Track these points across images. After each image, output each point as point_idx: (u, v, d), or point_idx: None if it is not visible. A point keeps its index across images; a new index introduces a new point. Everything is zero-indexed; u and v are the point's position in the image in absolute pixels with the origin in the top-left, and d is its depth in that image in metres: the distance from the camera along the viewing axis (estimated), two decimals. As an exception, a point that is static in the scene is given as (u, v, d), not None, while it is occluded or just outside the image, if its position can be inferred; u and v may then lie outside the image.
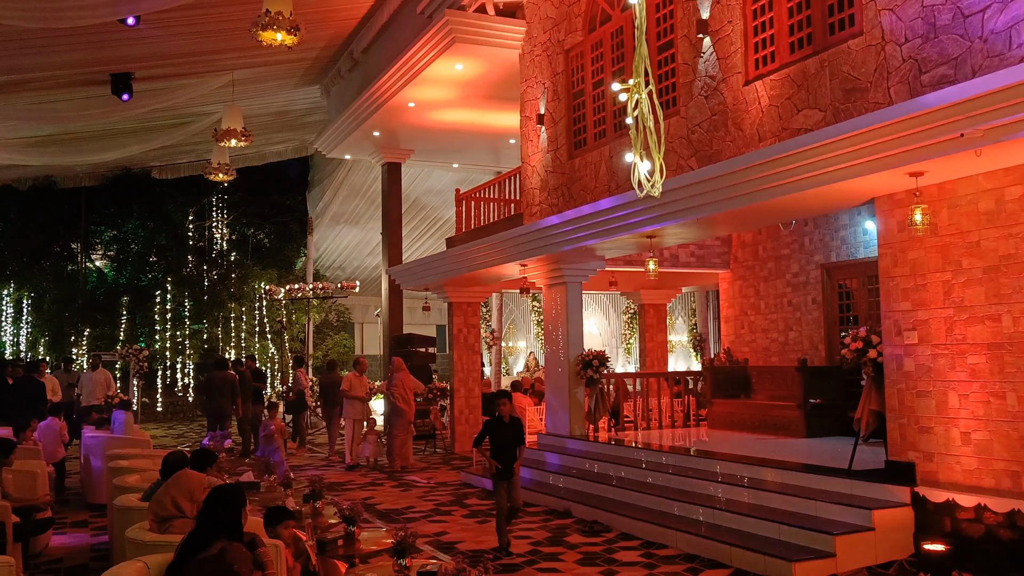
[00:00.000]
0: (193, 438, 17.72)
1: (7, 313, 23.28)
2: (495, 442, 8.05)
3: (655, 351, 16.70)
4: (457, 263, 13.74)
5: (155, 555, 4.40)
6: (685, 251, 13.07)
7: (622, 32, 11.03)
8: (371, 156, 19.31)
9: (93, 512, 10.21)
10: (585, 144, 11.86)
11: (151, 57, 13.91)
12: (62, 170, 21.51)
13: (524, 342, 25.45)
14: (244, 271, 24.76)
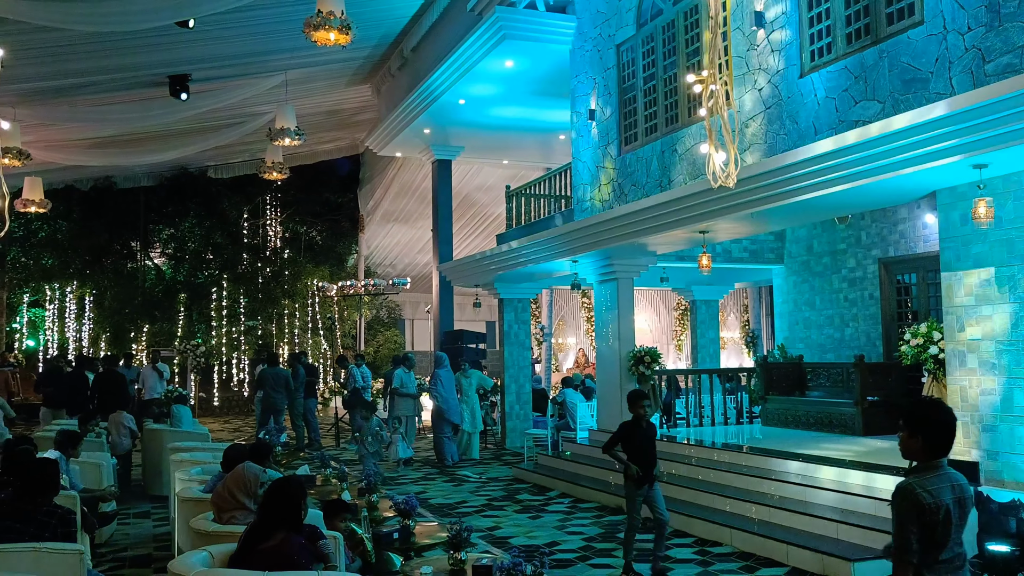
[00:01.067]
0: (249, 432, 18.04)
1: (70, 310, 23.94)
2: (632, 447, 7.22)
3: (707, 347, 16.55)
4: (507, 259, 13.77)
5: (219, 545, 4.50)
6: (738, 246, 12.94)
7: (674, 26, 10.94)
8: (421, 154, 19.44)
9: (155, 503, 10.47)
10: (636, 139, 11.79)
11: (207, 59, 14.18)
12: (122, 170, 22.02)
13: (574, 338, 25.41)
14: (297, 268, 25.10)
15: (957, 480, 3.36)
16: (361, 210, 25.52)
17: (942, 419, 3.39)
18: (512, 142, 18.37)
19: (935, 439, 3.37)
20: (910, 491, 3.29)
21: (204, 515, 5.27)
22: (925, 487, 3.28)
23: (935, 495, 3.26)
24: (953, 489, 3.32)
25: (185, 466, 7.67)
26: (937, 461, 3.37)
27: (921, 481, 3.32)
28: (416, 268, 27.42)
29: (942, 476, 3.34)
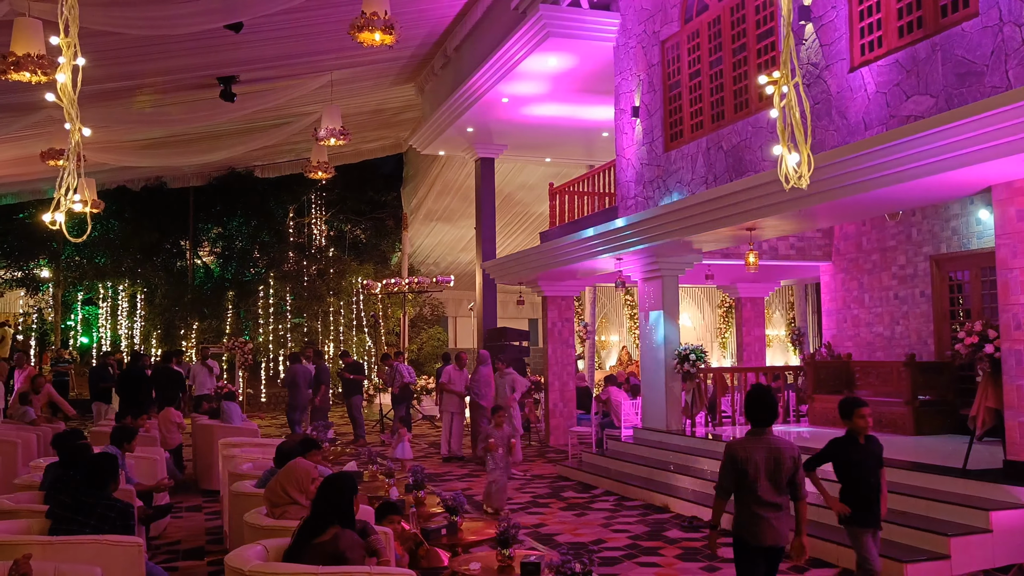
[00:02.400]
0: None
1: (122, 307, 24.47)
2: (848, 471, 5.69)
3: (752, 345, 16.39)
4: (551, 257, 13.78)
5: (272, 539, 4.58)
6: (784, 243, 12.79)
7: (719, 21, 10.85)
8: (464, 152, 19.52)
9: (206, 497, 10.67)
10: (681, 136, 11.71)
11: (254, 60, 14.39)
12: (171, 171, 22.45)
13: (617, 336, 25.33)
14: (342, 266, 25.38)
15: (775, 444, 4.78)
16: (405, 208, 25.71)
17: (750, 398, 4.92)
18: (555, 140, 18.35)
19: (750, 413, 4.88)
20: (729, 447, 4.85)
21: (257, 510, 5.36)
22: (743, 445, 4.79)
23: (747, 452, 4.73)
24: (768, 450, 4.74)
25: (236, 461, 7.81)
26: (758, 428, 4.84)
27: (742, 441, 4.84)
28: (459, 266, 27.55)
29: (760, 440, 4.79)
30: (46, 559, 4.10)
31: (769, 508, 4.71)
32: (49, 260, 24.30)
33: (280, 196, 25.26)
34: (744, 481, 4.71)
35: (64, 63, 4.24)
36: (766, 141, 9.96)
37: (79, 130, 4.28)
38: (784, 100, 4.38)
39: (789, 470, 4.75)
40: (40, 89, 11.58)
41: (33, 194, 21.89)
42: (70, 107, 4.27)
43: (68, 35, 4.20)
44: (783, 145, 4.40)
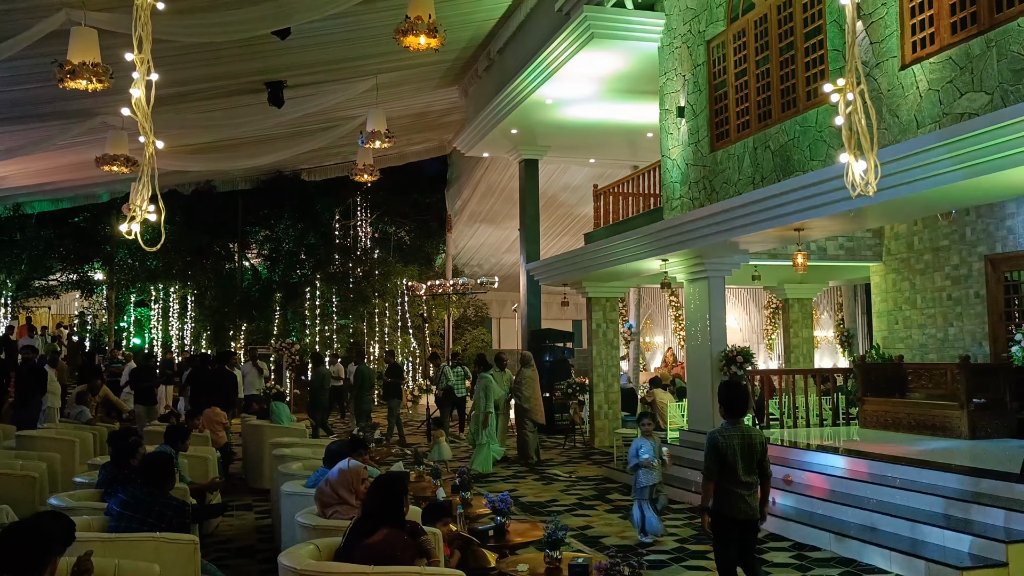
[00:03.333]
0: (341, 429, 18.47)
1: (173, 309, 24.96)
2: None
3: (800, 347, 16.19)
4: (596, 258, 13.75)
5: (324, 539, 4.65)
6: (833, 243, 12.62)
7: (766, 20, 10.74)
8: (508, 154, 19.57)
9: (256, 496, 10.84)
10: (728, 136, 11.62)
11: (302, 65, 14.58)
12: (221, 174, 22.83)
13: (661, 337, 25.17)
14: (387, 268, 25.58)
15: (747, 432, 5.55)
16: (449, 210, 25.84)
17: (727, 392, 5.65)
18: (599, 141, 18.31)
19: (724, 405, 5.61)
20: (712, 435, 5.57)
21: (308, 509, 5.44)
22: (722, 433, 5.52)
23: (726, 439, 5.47)
24: (742, 437, 5.50)
25: (286, 461, 7.93)
26: (733, 419, 5.56)
27: (721, 430, 5.56)
28: (503, 268, 27.62)
29: (736, 428, 5.53)
30: (107, 556, 4.21)
31: (744, 487, 5.46)
32: (103, 263, 24.88)
33: (326, 199, 25.55)
34: (724, 464, 5.45)
35: (138, 78, 4.36)
36: (814, 140, 9.84)
37: (152, 143, 4.39)
38: (850, 107, 4.33)
39: (758, 453, 5.55)
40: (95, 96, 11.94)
41: (88, 199, 22.44)
42: (144, 121, 4.39)
43: (141, 51, 4.32)
44: (849, 152, 4.35)
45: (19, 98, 13.46)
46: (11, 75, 12.04)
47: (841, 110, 4.36)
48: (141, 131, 4.47)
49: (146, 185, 4.34)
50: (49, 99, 13.49)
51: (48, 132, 15.15)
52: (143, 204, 4.38)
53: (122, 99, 13.74)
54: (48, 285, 24.44)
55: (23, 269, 22.53)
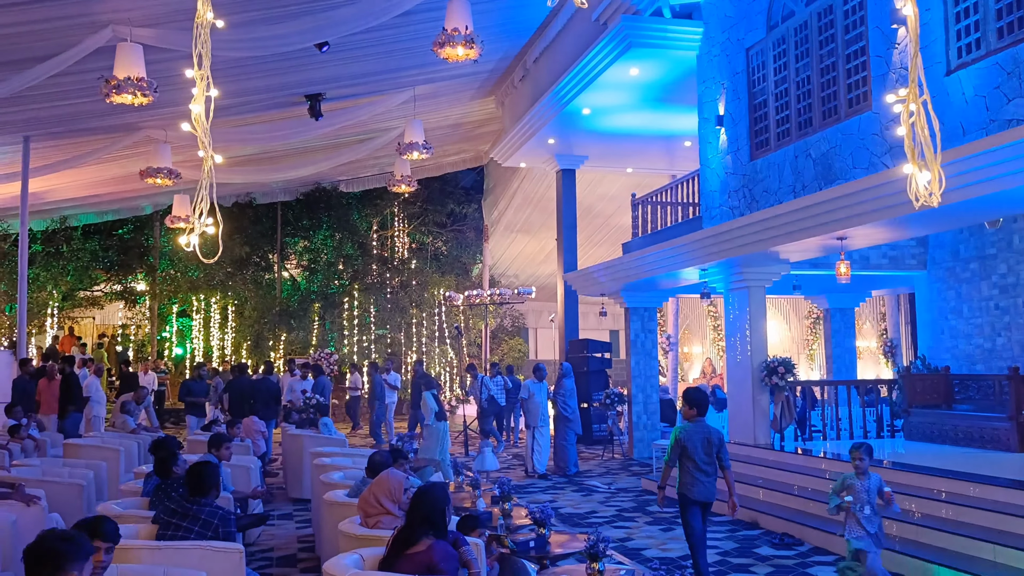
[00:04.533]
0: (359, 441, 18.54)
1: (214, 319, 25.29)
2: None
3: (842, 357, 15.95)
4: (634, 268, 13.69)
5: (367, 548, 4.66)
6: (876, 252, 12.42)
7: (807, 27, 10.64)
8: (545, 163, 19.58)
9: (296, 506, 10.91)
10: (767, 144, 11.52)
11: (340, 78, 14.74)
12: (260, 187, 23.14)
13: (700, 347, 24.98)
14: (424, 278, 25.70)
15: (707, 428, 6.63)
16: (485, 220, 25.91)
17: (694, 397, 6.70)
18: (636, 150, 18.27)
19: (692, 406, 6.67)
20: (677, 431, 6.69)
21: (351, 519, 5.47)
22: (685, 430, 6.62)
23: (689, 434, 6.58)
24: (702, 433, 6.59)
25: (327, 471, 7.97)
26: (697, 418, 6.65)
27: (685, 427, 6.66)
28: (539, 278, 27.61)
29: (698, 426, 6.63)
30: (155, 563, 4.27)
31: (702, 473, 6.57)
32: (146, 274, 25.30)
33: (364, 210, 25.75)
34: (685, 454, 6.58)
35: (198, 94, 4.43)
36: (857, 148, 9.72)
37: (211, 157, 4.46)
38: (913, 118, 4.27)
39: (716, 447, 6.63)
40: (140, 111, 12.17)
41: (132, 211, 22.86)
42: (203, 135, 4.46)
43: (201, 67, 4.39)
44: (913, 163, 4.29)
45: (66, 113, 13.76)
46: (59, 90, 12.31)
47: (904, 120, 4.29)
48: (200, 146, 4.54)
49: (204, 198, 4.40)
50: (95, 114, 13.78)
51: (94, 146, 15.46)
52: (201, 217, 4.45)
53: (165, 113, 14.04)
54: (92, 296, 24.90)
55: (69, 280, 22.98)
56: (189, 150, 16.47)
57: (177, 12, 10.68)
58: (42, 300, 22.35)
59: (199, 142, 4.45)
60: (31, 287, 18.38)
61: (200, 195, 4.36)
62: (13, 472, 7.98)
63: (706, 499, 6.63)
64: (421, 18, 12.21)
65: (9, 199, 17.72)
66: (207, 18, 4.34)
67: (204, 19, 4.31)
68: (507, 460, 15.36)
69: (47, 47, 10.58)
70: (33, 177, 15.50)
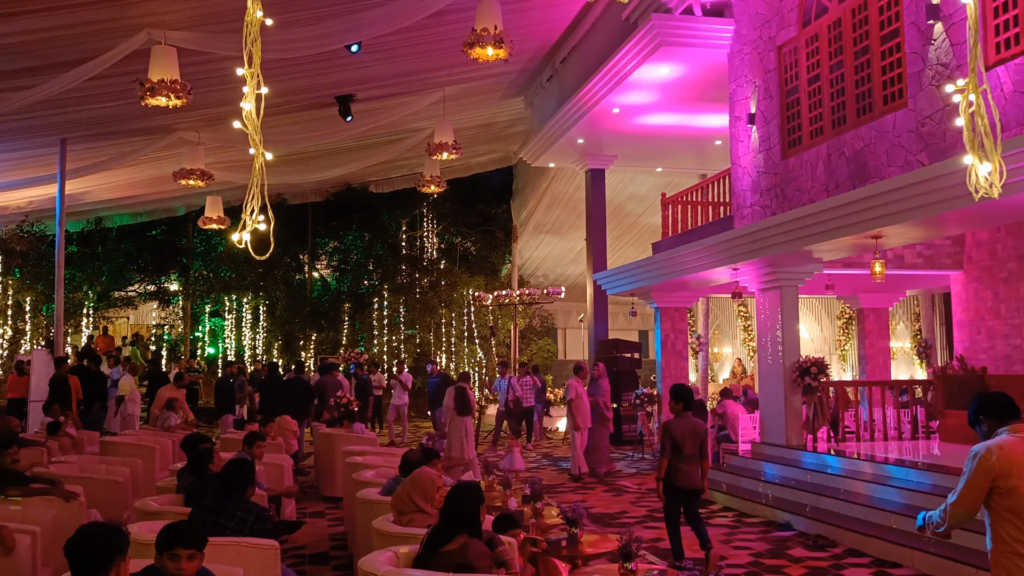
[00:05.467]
0: (410, 439, 18.62)
1: (246, 319, 25.54)
2: None
3: (875, 358, 15.76)
4: (664, 268, 13.62)
5: (401, 546, 4.68)
6: (911, 251, 12.27)
7: (840, 24, 10.53)
8: (574, 163, 19.55)
9: (328, 504, 10.98)
10: (800, 143, 11.42)
11: (370, 79, 14.82)
12: (292, 187, 23.33)
13: (730, 347, 24.80)
14: (453, 278, 25.76)
15: (693, 422, 7.42)
16: (514, 220, 25.92)
17: (678, 391, 7.52)
18: (666, 149, 18.19)
19: (678, 401, 7.45)
20: (665, 424, 7.45)
21: (384, 517, 5.49)
22: (675, 423, 7.37)
23: (678, 427, 7.31)
24: (690, 426, 7.34)
25: (359, 469, 8.01)
26: (683, 412, 7.42)
27: (673, 420, 7.42)
28: (568, 278, 27.58)
29: (684, 419, 7.40)
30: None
31: (686, 463, 7.31)
32: (179, 274, 25.61)
33: (393, 210, 25.88)
34: (674, 446, 7.28)
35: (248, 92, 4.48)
36: (892, 146, 9.60)
37: (262, 155, 4.51)
38: (972, 108, 4.22)
39: (701, 438, 7.38)
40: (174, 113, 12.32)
41: (165, 212, 23.16)
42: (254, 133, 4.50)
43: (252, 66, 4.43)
44: (973, 154, 4.23)
45: (102, 116, 13.96)
46: (95, 93, 12.50)
47: (963, 111, 4.24)
48: (251, 144, 4.59)
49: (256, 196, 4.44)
50: (130, 116, 13.97)
51: (129, 148, 15.68)
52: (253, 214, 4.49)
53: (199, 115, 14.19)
54: (127, 296, 25.25)
55: (104, 281, 23.33)
56: (219, 151, 16.68)
57: (210, 16, 10.81)
58: (78, 300, 22.69)
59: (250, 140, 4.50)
60: (67, 287, 18.67)
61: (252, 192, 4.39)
62: (52, 468, 8.10)
63: (688, 486, 7.37)
64: (451, 19, 12.25)
65: (46, 201, 18.03)
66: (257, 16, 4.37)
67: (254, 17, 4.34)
68: (536, 460, 15.35)
69: (83, 51, 10.75)
70: (70, 179, 15.75)
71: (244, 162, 18.25)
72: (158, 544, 3.61)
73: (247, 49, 4.43)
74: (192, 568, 3.62)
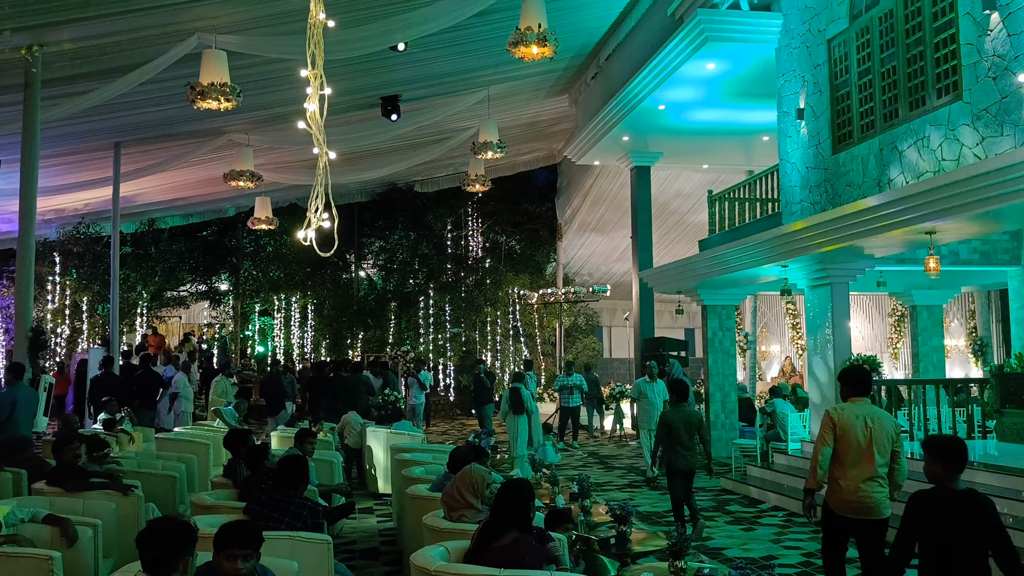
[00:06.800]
0: (455, 435, 18.73)
1: (295, 318, 25.89)
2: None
3: (929, 356, 15.43)
4: (712, 265, 13.49)
5: (451, 541, 4.72)
6: (967, 247, 11.99)
7: (892, 16, 10.34)
8: (619, 161, 19.46)
9: (376, 500, 11.09)
10: (850, 137, 11.23)
11: (415, 79, 14.92)
12: (338, 187, 23.43)
13: (778, 345, 24.52)
14: (498, 277, 25.81)
15: (688, 412, 8.46)
16: (559, 219, 25.90)
17: (675, 386, 8.61)
18: (712, 146, 18.02)
19: (676, 396, 8.49)
20: (662, 415, 8.48)
21: (434, 512, 5.54)
22: (671, 413, 8.33)
23: (673, 418, 8.25)
24: (684, 417, 8.30)
25: (408, 466, 8.08)
26: (680, 403, 8.44)
27: (672, 411, 8.38)
28: (613, 276, 27.48)
29: (680, 410, 8.36)
30: (248, 552, 4.37)
31: (683, 448, 8.26)
32: (229, 274, 26.04)
33: (439, 209, 26.00)
34: (671, 433, 8.25)
35: (312, 92, 4.57)
36: (946, 139, 9.40)
37: (326, 153, 4.59)
38: None
39: (695, 427, 8.32)
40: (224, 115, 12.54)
41: (215, 213, 23.58)
42: (318, 133, 4.59)
43: (315, 67, 4.52)
44: None
45: (155, 119, 14.26)
46: (148, 97, 12.77)
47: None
48: (315, 143, 4.68)
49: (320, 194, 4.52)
50: (181, 119, 14.24)
51: (180, 150, 15.98)
52: (318, 212, 4.58)
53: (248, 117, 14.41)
54: (179, 296, 25.75)
55: (157, 281, 23.82)
56: (268, 152, 16.93)
57: (259, 19, 10.98)
58: (132, 300, 23.20)
59: (314, 139, 4.57)
60: (122, 287, 19.09)
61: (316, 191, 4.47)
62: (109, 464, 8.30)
63: (686, 467, 8.34)
64: (495, 17, 12.28)
65: (102, 203, 18.45)
66: (319, 18, 4.45)
67: (316, 19, 4.42)
68: (582, 458, 15.32)
69: (136, 56, 10.99)
70: (124, 181, 16.11)
71: (292, 164, 18.52)
72: (216, 542, 3.68)
73: (310, 51, 4.50)
74: (248, 568, 3.68)
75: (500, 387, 22.48)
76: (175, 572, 3.32)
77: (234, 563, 3.62)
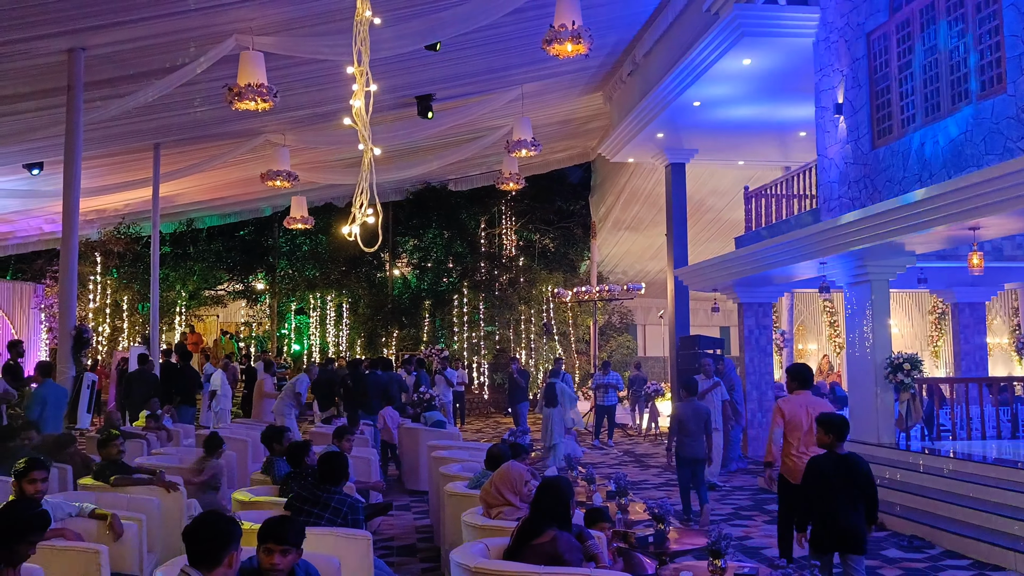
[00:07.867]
0: (489, 433, 18.77)
1: (330, 317, 26.10)
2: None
3: (971, 354, 15.19)
4: (748, 262, 13.39)
5: (491, 538, 4.73)
6: (1010, 242, 11.79)
7: (934, 8, 10.17)
8: (654, 158, 19.35)
9: (413, 497, 11.15)
10: (890, 132, 11.07)
11: (450, 78, 14.95)
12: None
13: (815, 344, 24.24)
14: (532, 275, 25.80)
15: (698, 406, 9.32)
16: (593, 217, 25.82)
17: (684, 382, 9.91)
18: (748, 142, 17.85)
19: (684, 389, 9.66)
20: (675, 408, 9.76)
21: (473, 510, 5.55)
22: (681, 407, 9.34)
23: (684, 411, 9.22)
24: (693, 410, 9.19)
25: (446, 463, 8.11)
26: (690, 398, 9.44)
27: (681, 404, 9.41)
28: (647, 275, 27.33)
29: (689, 403, 9.32)
30: (290, 547, 4.42)
31: (690, 439, 9.09)
32: (266, 273, 26.31)
33: (472, 208, 26.05)
34: (681, 426, 9.11)
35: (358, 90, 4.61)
36: (990, 133, 9.24)
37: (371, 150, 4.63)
38: None
39: (703, 419, 9.11)
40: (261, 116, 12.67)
41: (252, 213, 23.82)
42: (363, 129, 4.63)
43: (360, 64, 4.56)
44: None
45: (193, 120, 14.44)
46: (186, 99, 12.94)
47: None
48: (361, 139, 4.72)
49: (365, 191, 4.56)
50: (219, 120, 14.41)
51: (218, 151, 16.17)
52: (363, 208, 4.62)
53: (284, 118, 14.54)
54: (216, 295, 26.07)
55: (195, 280, 24.14)
56: (304, 152, 17.07)
57: (294, 20, 11.07)
58: (171, 299, 23.54)
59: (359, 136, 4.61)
60: (161, 286, 19.38)
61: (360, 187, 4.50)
62: (152, 460, 8.44)
63: (693, 456, 9.14)
64: (530, 15, 12.26)
65: (142, 203, 18.73)
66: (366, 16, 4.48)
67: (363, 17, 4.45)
68: (618, 456, 15.28)
69: (175, 58, 11.14)
70: (163, 182, 16.34)
71: (327, 163, 18.66)
72: (258, 536, 3.75)
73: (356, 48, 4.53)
74: (286, 563, 3.72)
75: (534, 385, 22.49)
76: (220, 566, 3.38)
77: (271, 557, 3.68)
